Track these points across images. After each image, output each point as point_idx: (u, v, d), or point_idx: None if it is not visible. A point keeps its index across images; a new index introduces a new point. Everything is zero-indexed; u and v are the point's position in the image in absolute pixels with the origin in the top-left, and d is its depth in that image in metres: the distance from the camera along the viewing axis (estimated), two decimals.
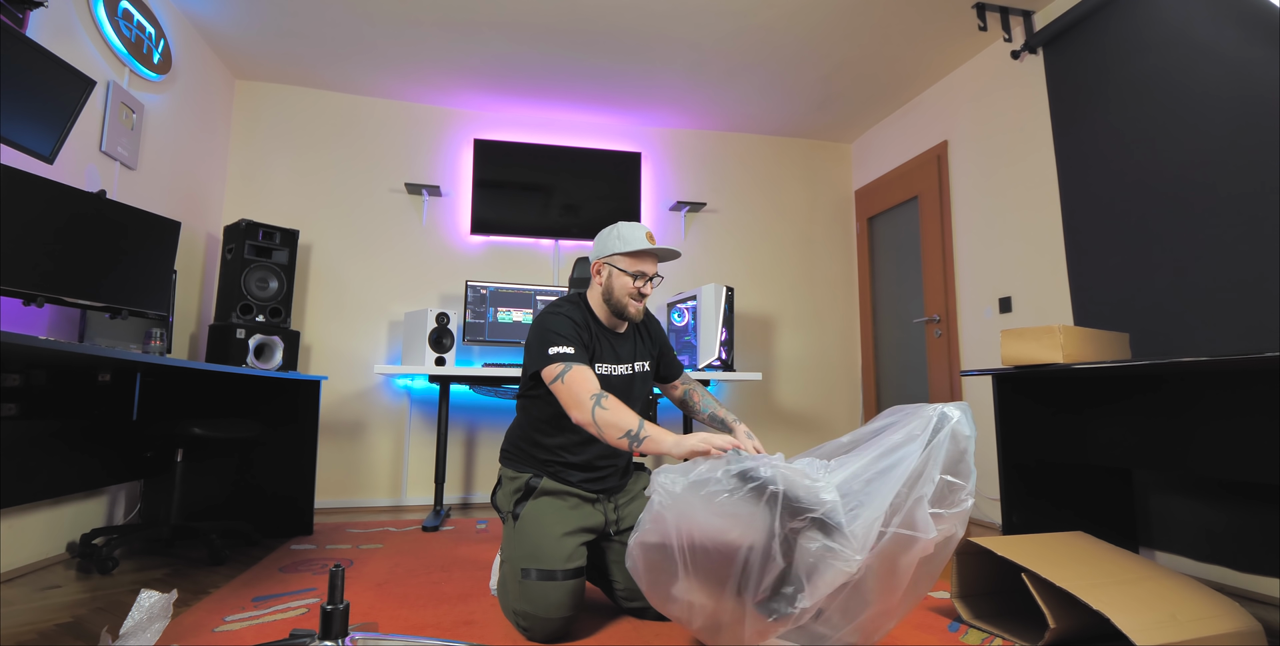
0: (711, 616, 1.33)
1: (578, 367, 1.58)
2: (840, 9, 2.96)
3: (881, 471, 1.23)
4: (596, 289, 1.79)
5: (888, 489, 1.20)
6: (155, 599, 1.37)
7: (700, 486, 1.27)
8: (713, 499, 1.25)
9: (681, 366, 2.00)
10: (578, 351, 1.62)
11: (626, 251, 1.71)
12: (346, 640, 1.28)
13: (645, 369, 1.86)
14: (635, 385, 1.83)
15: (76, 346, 1.43)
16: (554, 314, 1.71)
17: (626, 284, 1.72)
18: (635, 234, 1.73)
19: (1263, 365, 1.51)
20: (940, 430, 1.24)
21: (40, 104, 1.98)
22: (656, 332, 1.95)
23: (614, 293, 1.74)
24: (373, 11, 3.00)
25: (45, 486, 2.13)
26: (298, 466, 2.79)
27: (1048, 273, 2.87)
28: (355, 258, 3.73)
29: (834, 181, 4.48)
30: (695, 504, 1.26)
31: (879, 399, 4.10)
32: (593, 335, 1.74)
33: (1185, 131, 2.29)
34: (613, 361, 1.77)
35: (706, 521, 1.25)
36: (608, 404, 1.50)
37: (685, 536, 1.27)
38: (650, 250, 1.73)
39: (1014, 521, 2.17)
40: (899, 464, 1.23)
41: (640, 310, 1.77)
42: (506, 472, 1.80)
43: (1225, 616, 1.47)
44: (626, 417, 1.47)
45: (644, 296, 1.75)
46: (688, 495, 1.27)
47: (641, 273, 1.73)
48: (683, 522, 1.27)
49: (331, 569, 1.27)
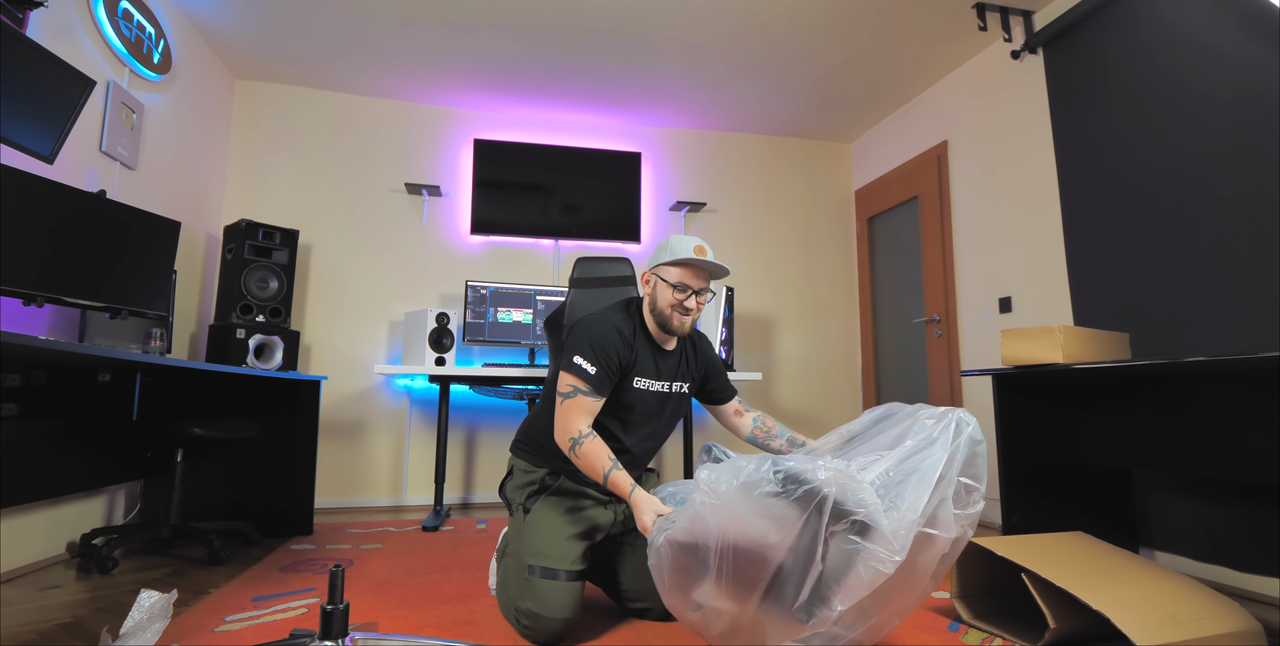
0: (732, 620, 1.31)
1: (581, 399, 1.58)
2: (840, 9, 2.96)
3: (909, 473, 1.24)
4: (646, 300, 1.75)
5: (922, 491, 1.21)
6: (155, 599, 1.37)
7: (751, 488, 1.24)
8: (761, 501, 1.22)
9: (732, 389, 1.92)
10: (599, 373, 1.60)
11: (671, 261, 1.66)
12: (346, 640, 1.28)
13: (683, 391, 1.81)
14: (669, 405, 1.78)
15: (76, 346, 1.43)
16: (605, 322, 1.68)
17: (668, 295, 1.67)
18: (683, 246, 1.67)
19: (1263, 365, 1.51)
20: (961, 434, 1.28)
21: (40, 104, 1.98)
22: (705, 352, 1.88)
23: (658, 304, 1.70)
24: (372, 11, 3.00)
25: (45, 486, 2.13)
26: (298, 466, 2.79)
27: (1048, 273, 2.87)
28: (355, 258, 3.73)
29: (834, 181, 4.48)
30: (741, 505, 1.23)
31: (879, 399, 4.10)
32: (635, 349, 1.70)
33: (1185, 131, 2.29)
34: (652, 376, 1.73)
35: (751, 523, 1.23)
36: (581, 453, 1.55)
37: (727, 538, 1.24)
38: (694, 261, 1.66)
39: (1014, 521, 2.17)
40: (926, 466, 1.24)
41: (686, 324, 1.70)
42: (520, 464, 1.78)
43: (1225, 616, 1.47)
44: (601, 461, 1.52)
45: (688, 311, 1.69)
46: (736, 496, 1.24)
47: (684, 284, 1.66)
48: (727, 523, 1.24)
49: (331, 569, 1.27)
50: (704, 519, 1.26)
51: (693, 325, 1.74)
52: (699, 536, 1.27)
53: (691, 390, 1.85)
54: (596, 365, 1.59)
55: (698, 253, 1.66)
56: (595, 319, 1.69)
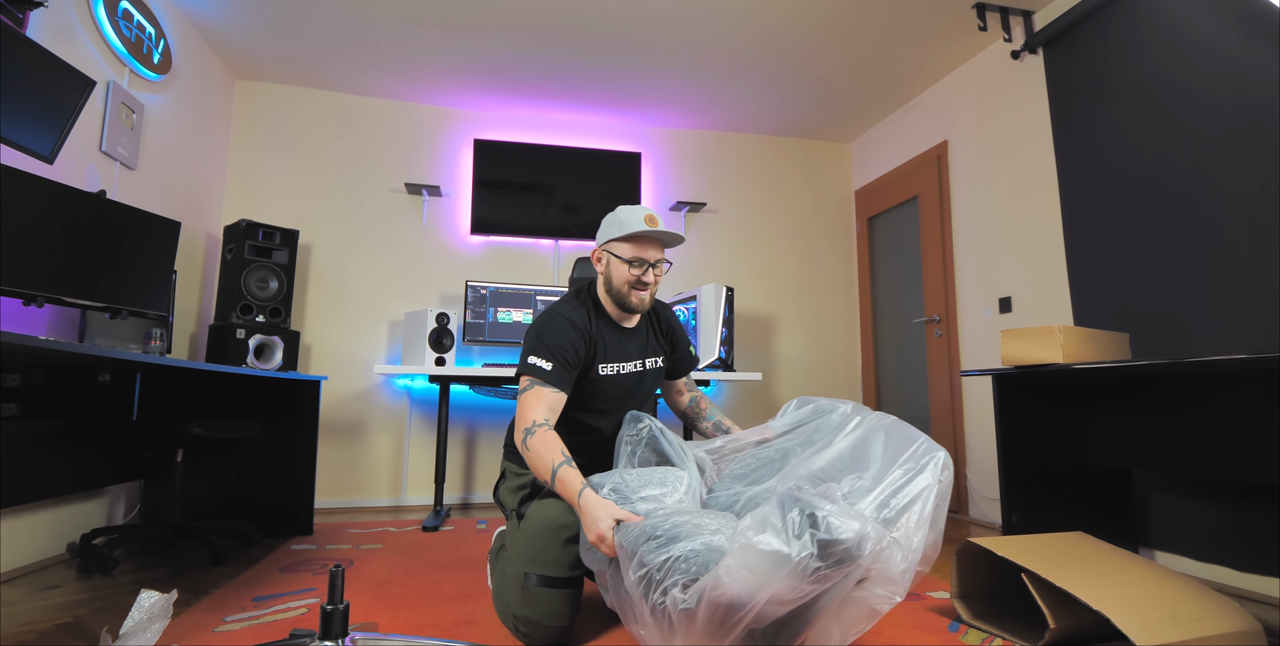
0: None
1: (539, 389, 1.54)
2: (840, 9, 2.96)
3: (903, 508, 1.22)
4: (600, 279, 1.69)
5: (921, 527, 1.20)
6: (155, 599, 1.37)
7: (789, 563, 1.08)
8: (797, 573, 1.08)
9: (694, 362, 1.88)
10: (555, 368, 1.54)
11: (622, 236, 1.59)
12: (346, 640, 1.28)
13: (659, 365, 1.79)
14: (646, 382, 1.76)
15: (76, 346, 1.43)
16: (555, 316, 1.64)
17: (623, 272, 1.61)
18: (633, 217, 1.59)
19: (1263, 365, 1.51)
20: (944, 469, 1.27)
21: (40, 104, 1.98)
22: (669, 321, 1.83)
23: (613, 282, 1.64)
24: (373, 11, 3.00)
25: (45, 486, 2.13)
26: (298, 466, 2.79)
27: (1048, 273, 2.87)
28: (355, 258, 3.73)
29: (834, 181, 4.48)
30: (777, 579, 1.08)
31: (879, 399, 4.10)
32: (593, 336, 1.65)
33: (1185, 131, 2.29)
34: (620, 359, 1.69)
35: (784, 594, 1.09)
36: (532, 444, 1.47)
37: (758, 604, 1.09)
38: (648, 233, 1.58)
39: (1014, 521, 2.17)
40: (917, 504, 1.22)
41: (645, 300, 1.65)
42: (511, 467, 1.77)
43: (1225, 616, 1.47)
44: (551, 454, 1.45)
45: (645, 286, 1.63)
46: (772, 574, 1.08)
47: (639, 259, 1.59)
48: (760, 592, 1.08)
49: (331, 569, 1.27)
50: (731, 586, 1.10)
51: (652, 299, 1.68)
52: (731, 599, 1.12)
53: (665, 361, 1.81)
54: (552, 361, 1.55)
55: (648, 223, 1.57)
56: (544, 316, 1.65)
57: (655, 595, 1.17)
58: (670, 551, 1.18)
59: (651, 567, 1.17)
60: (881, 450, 1.33)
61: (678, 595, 1.14)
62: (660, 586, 1.16)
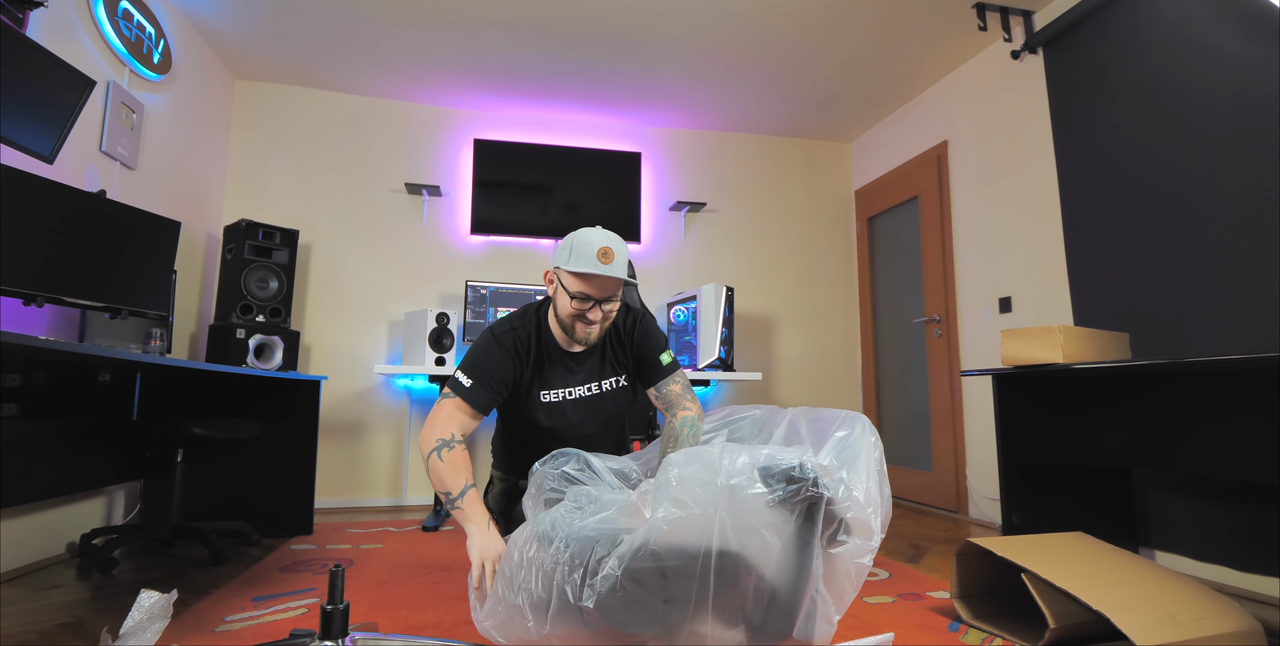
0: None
1: (458, 402, 1.46)
2: (839, 9, 2.96)
3: (850, 461, 1.22)
4: (552, 303, 1.56)
5: (869, 475, 1.20)
6: (155, 599, 1.37)
7: (738, 490, 1.04)
8: (752, 506, 1.04)
9: (667, 370, 1.66)
10: (474, 387, 1.46)
11: (569, 270, 1.44)
12: (346, 640, 1.27)
13: (620, 384, 1.63)
14: (605, 405, 1.64)
15: (76, 346, 1.43)
16: (488, 340, 1.53)
17: (567, 305, 1.46)
18: (586, 251, 1.41)
19: (1263, 365, 1.51)
20: (874, 432, 1.30)
21: (40, 104, 1.98)
22: (633, 334, 1.64)
23: (558, 310, 1.51)
24: (373, 11, 3.00)
25: (45, 486, 2.13)
26: (298, 466, 2.79)
27: (1048, 272, 2.87)
28: (355, 257, 3.73)
29: (834, 181, 4.48)
30: (733, 512, 1.04)
31: (879, 399, 4.10)
32: (532, 361, 1.53)
33: (1185, 131, 2.29)
34: (563, 385, 1.57)
35: (747, 538, 1.03)
36: (446, 458, 1.39)
37: (710, 560, 1.02)
38: (594, 275, 1.41)
39: (1014, 521, 2.17)
40: (862, 454, 1.23)
41: (591, 335, 1.50)
42: (496, 474, 1.82)
43: (1225, 616, 1.47)
44: (454, 479, 1.38)
45: (591, 323, 1.47)
46: (724, 502, 1.04)
47: (584, 294, 1.43)
48: (711, 539, 1.02)
49: (331, 569, 1.27)
50: (682, 534, 1.01)
51: (601, 334, 1.52)
52: (671, 558, 1.02)
53: (630, 378, 1.67)
54: (473, 380, 1.48)
55: (602, 259, 1.40)
56: (485, 333, 1.56)
57: (578, 577, 1.07)
58: (584, 525, 1.09)
59: (568, 545, 1.09)
60: (810, 428, 1.36)
61: (613, 566, 1.05)
62: (582, 568, 1.07)
